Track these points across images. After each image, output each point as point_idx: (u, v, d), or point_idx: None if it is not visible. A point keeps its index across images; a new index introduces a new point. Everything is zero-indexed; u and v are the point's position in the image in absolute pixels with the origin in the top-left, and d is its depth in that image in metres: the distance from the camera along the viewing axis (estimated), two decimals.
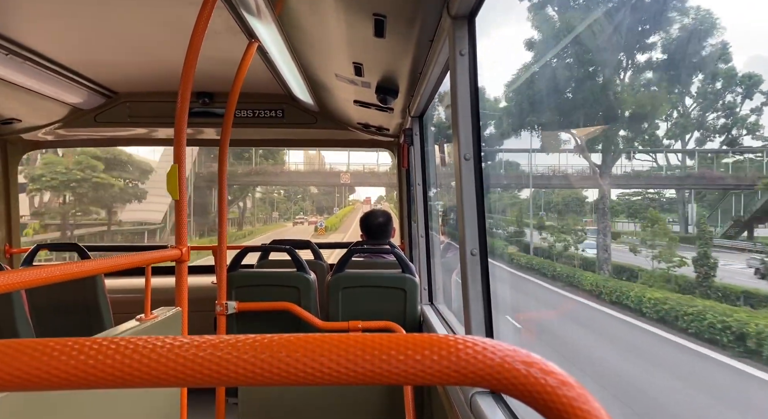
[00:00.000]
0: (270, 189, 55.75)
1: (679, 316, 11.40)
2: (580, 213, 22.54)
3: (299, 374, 0.39)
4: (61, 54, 2.67)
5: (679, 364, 10.29)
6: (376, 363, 0.39)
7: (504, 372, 0.38)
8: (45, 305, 3.03)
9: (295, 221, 52.90)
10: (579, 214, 22.42)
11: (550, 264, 18.33)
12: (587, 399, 0.37)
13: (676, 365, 10.33)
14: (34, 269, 1.17)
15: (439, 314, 2.73)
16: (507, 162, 24.68)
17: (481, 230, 1.47)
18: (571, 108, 19.54)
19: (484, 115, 14.90)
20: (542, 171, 23.59)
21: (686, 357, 10.45)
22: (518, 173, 24.54)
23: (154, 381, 0.38)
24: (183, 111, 1.84)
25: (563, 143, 21.75)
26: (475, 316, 1.44)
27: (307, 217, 55.25)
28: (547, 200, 24.34)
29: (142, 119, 3.51)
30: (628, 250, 17.58)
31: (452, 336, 0.40)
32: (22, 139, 3.79)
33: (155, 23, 2.33)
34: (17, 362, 0.38)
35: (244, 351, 0.39)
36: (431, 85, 2.29)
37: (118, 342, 0.39)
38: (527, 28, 18.03)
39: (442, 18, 1.57)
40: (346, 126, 3.73)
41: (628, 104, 19.14)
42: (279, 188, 58.17)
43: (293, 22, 2.13)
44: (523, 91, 21.26)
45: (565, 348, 11.82)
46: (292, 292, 2.73)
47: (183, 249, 1.89)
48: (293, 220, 53.58)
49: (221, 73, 2.96)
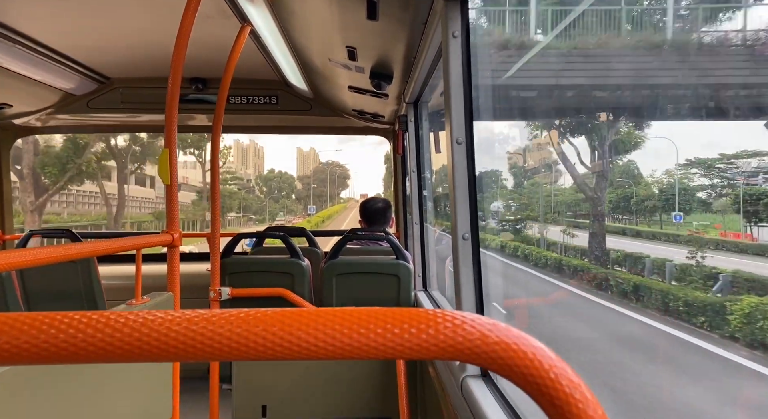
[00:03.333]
0: (241, 185, 52.74)
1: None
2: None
3: (276, 348, 0.38)
4: (53, 38, 2.64)
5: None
6: (354, 337, 0.38)
7: (483, 345, 0.38)
8: (38, 291, 3.02)
9: (271, 225, 48.01)
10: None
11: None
12: (567, 373, 0.37)
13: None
14: (25, 251, 1.17)
15: (433, 300, 2.74)
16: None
17: (473, 214, 1.47)
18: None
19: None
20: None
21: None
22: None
23: (146, 355, 0.38)
24: (174, 96, 1.83)
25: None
26: (466, 299, 1.44)
27: (287, 217, 49.31)
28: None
29: (135, 104, 3.48)
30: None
31: (432, 310, 0.39)
32: (14, 125, 3.76)
33: (147, 7, 2.29)
34: (5, 335, 0.37)
35: (237, 325, 0.38)
36: (425, 69, 2.27)
37: (108, 315, 0.38)
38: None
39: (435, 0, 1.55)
40: (341, 113, 3.71)
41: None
42: (257, 184, 55.67)
43: (285, 5, 2.11)
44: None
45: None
46: (286, 278, 2.73)
47: (175, 234, 1.88)
48: (270, 221, 47.42)
49: (214, 59, 2.93)
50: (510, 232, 24.76)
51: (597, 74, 15.17)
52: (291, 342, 0.38)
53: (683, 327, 10.04)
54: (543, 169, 30.89)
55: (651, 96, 16.18)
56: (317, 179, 61.79)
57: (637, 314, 11.25)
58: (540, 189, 28.45)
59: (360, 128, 4.04)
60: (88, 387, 1.38)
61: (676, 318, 10.55)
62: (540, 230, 23.07)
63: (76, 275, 2.98)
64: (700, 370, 8.10)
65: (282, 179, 59.08)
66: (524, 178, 31.24)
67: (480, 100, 12.51)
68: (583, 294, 13.91)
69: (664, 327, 10.11)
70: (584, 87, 15.93)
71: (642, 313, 11.35)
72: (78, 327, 0.37)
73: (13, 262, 1.12)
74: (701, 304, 10.11)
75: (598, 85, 15.91)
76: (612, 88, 15.99)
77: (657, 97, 16.18)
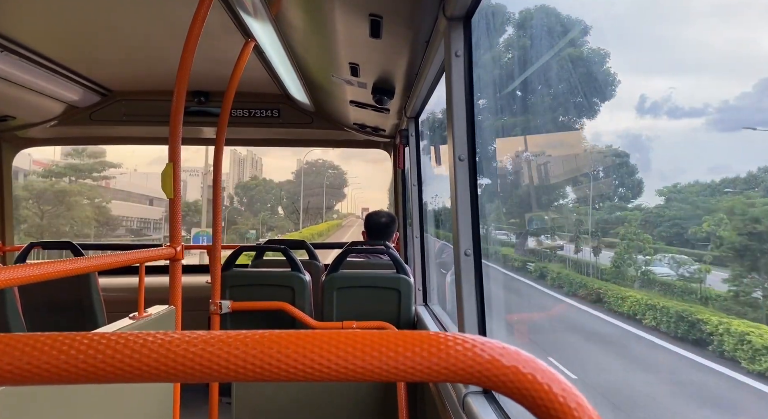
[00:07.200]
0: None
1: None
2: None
3: (290, 370, 0.39)
4: (56, 51, 2.66)
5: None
6: (367, 360, 0.39)
7: (494, 369, 0.39)
8: (38, 304, 3.01)
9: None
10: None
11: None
12: (576, 397, 0.38)
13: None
14: (27, 266, 1.16)
15: (434, 315, 2.73)
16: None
17: (475, 230, 1.48)
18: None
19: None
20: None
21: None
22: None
23: (146, 376, 0.38)
24: (178, 110, 1.84)
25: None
26: (468, 316, 1.44)
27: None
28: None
29: (137, 117, 3.50)
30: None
31: (443, 333, 0.40)
32: (17, 136, 3.77)
33: (151, 21, 2.32)
34: (6, 356, 0.38)
35: (236, 347, 0.39)
36: (427, 86, 2.30)
37: (109, 336, 0.39)
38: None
39: (438, 19, 1.57)
40: (342, 126, 3.74)
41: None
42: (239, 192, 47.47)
43: (289, 22, 2.14)
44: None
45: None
46: (287, 292, 2.72)
47: (177, 248, 1.89)
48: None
49: (217, 73, 2.95)
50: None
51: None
52: (305, 364, 0.39)
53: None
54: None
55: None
56: (309, 186, 50.57)
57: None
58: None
59: (361, 141, 4.06)
60: (88, 401, 1.37)
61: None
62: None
63: (76, 287, 2.98)
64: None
65: (266, 187, 49.96)
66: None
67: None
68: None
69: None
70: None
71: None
72: (79, 348, 0.38)
73: (14, 278, 1.11)
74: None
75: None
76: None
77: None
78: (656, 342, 8.64)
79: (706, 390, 7.37)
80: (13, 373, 0.38)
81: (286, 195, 49.22)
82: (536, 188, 15.65)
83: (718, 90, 18.28)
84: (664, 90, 22.20)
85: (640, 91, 22.01)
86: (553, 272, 12.98)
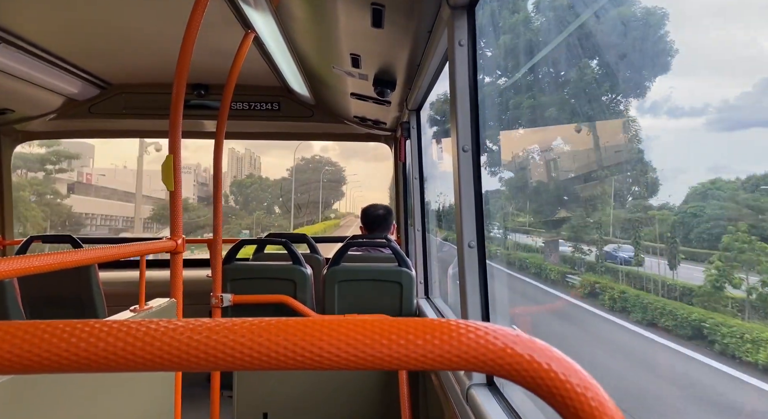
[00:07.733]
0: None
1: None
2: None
3: (298, 358, 0.38)
4: (55, 43, 2.64)
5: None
6: (377, 348, 0.38)
7: (507, 357, 0.37)
8: (38, 297, 3.01)
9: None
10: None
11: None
12: (592, 386, 0.36)
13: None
14: (27, 257, 1.15)
15: (436, 308, 2.73)
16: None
17: (479, 222, 1.46)
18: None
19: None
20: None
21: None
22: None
23: (149, 365, 0.37)
24: (178, 103, 1.83)
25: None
26: (472, 307, 1.43)
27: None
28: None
29: (136, 110, 3.49)
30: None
31: (454, 320, 0.39)
32: (15, 130, 3.76)
33: (150, 13, 2.30)
34: (6, 344, 0.36)
35: (242, 335, 0.38)
36: (429, 77, 2.28)
37: (111, 324, 0.38)
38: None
39: (441, 8, 1.55)
40: (342, 120, 3.72)
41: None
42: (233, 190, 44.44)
43: (290, 12, 2.11)
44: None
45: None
46: (288, 285, 2.72)
47: (178, 241, 1.88)
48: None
49: (217, 65, 2.93)
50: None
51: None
52: (313, 352, 0.38)
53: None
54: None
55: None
56: (305, 182, 47.66)
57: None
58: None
59: (361, 134, 4.04)
60: (89, 394, 1.37)
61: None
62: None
63: (76, 280, 2.97)
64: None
65: (262, 186, 47.89)
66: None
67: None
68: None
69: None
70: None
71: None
72: (80, 336, 0.37)
73: (14, 269, 1.10)
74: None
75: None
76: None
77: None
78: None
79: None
80: (12, 362, 0.37)
81: (283, 193, 46.71)
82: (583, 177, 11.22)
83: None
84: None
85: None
86: (612, 290, 8.31)
